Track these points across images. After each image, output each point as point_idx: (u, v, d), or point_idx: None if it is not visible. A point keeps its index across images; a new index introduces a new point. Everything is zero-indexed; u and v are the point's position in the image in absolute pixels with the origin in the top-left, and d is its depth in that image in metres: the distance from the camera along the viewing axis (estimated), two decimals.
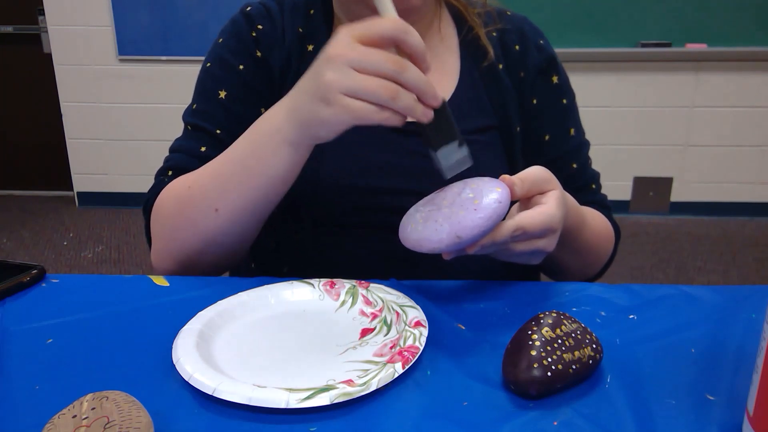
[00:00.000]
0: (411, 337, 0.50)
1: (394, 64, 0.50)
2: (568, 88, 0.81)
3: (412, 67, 0.50)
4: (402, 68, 0.50)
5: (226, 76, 0.74)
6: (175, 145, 0.75)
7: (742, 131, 3.31)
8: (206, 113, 0.74)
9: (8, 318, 0.56)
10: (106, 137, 3.53)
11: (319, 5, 0.76)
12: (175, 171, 0.72)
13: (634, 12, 3.08)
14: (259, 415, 0.42)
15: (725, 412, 0.43)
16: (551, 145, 0.78)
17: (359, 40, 0.51)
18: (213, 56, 0.76)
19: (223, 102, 0.73)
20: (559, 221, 0.55)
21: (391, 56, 0.50)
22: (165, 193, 0.69)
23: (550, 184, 0.57)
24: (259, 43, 0.74)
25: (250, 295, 0.58)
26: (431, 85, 0.52)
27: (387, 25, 0.51)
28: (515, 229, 0.52)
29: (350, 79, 0.50)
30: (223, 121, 0.73)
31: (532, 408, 0.43)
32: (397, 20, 0.52)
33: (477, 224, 0.50)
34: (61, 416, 0.38)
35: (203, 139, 0.73)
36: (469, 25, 0.78)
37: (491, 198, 0.51)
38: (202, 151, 0.72)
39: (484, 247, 0.53)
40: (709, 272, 2.74)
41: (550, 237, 0.55)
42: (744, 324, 0.55)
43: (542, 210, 0.54)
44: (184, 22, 3.27)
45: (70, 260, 2.87)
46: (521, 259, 0.58)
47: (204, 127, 0.73)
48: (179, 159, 0.73)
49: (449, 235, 0.51)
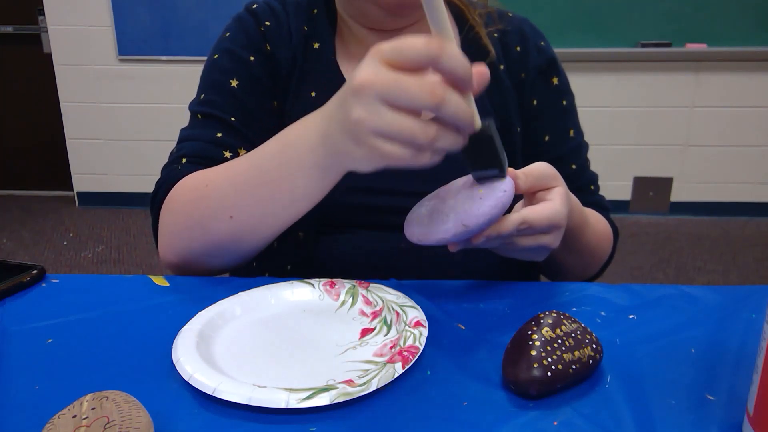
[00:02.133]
0: (411, 337, 0.50)
1: (431, 97, 0.42)
2: (568, 89, 0.81)
3: (451, 98, 0.43)
4: (440, 102, 0.43)
5: (236, 67, 0.73)
6: (186, 134, 0.72)
7: (742, 131, 3.31)
8: (217, 103, 0.72)
9: (8, 318, 0.56)
10: (106, 137, 3.53)
11: (322, 4, 0.76)
12: (190, 159, 0.69)
13: (634, 12, 3.08)
14: (259, 415, 0.42)
15: (725, 412, 0.43)
16: (551, 145, 0.78)
17: (389, 64, 0.44)
18: (221, 49, 0.75)
19: (234, 91, 0.72)
20: (564, 218, 0.55)
21: (427, 85, 0.43)
22: (181, 185, 0.65)
23: (554, 180, 0.56)
24: (268, 38, 0.74)
25: (250, 295, 0.58)
26: (474, 118, 0.46)
27: (419, 47, 0.43)
28: (521, 222, 0.52)
29: (381, 119, 0.44)
30: (235, 111, 0.72)
31: (532, 408, 0.43)
32: (429, 40, 0.43)
33: (483, 212, 0.50)
34: (61, 416, 0.38)
35: (217, 126, 0.71)
36: (470, 25, 0.78)
37: (496, 187, 0.51)
38: (218, 137, 0.70)
39: (489, 238, 0.52)
40: (709, 272, 2.74)
41: (555, 233, 0.55)
42: (744, 324, 0.55)
43: (548, 205, 0.54)
44: (184, 22, 3.27)
45: (70, 260, 2.87)
46: (525, 255, 0.57)
47: (216, 115, 0.71)
48: (193, 146, 0.70)
49: (455, 225, 0.51)
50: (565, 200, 0.56)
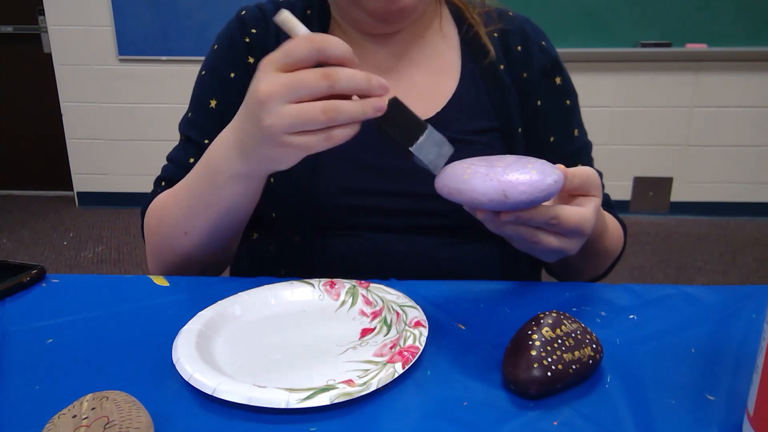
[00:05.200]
0: (411, 337, 0.50)
1: (323, 78, 0.48)
2: (571, 88, 0.81)
3: (341, 71, 0.49)
4: (333, 79, 0.48)
5: (216, 86, 0.75)
6: (169, 155, 0.77)
7: (742, 131, 3.31)
8: (197, 123, 0.75)
9: (8, 318, 0.56)
10: (106, 137, 3.53)
11: (317, 6, 0.76)
12: (167, 182, 0.74)
13: (634, 12, 3.09)
14: (259, 415, 0.42)
15: (725, 412, 0.43)
16: (556, 146, 0.78)
17: (282, 69, 0.49)
18: (207, 64, 0.77)
19: (212, 111, 0.74)
20: (590, 228, 0.55)
21: (317, 71, 0.48)
22: (151, 207, 0.71)
23: (595, 190, 0.56)
24: (251, 49, 0.74)
25: (250, 295, 0.58)
26: (370, 79, 0.50)
27: (302, 46, 0.49)
28: (553, 216, 0.52)
29: (288, 118, 0.49)
30: (212, 132, 0.72)
31: (532, 408, 0.43)
32: (309, 37, 0.49)
33: (528, 190, 0.49)
34: (61, 416, 0.38)
35: (191, 150, 0.74)
36: (469, 24, 0.78)
37: (549, 173, 0.50)
38: (191, 162, 0.73)
39: (519, 220, 0.52)
40: (709, 272, 2.74)
41: (578, 240, 0.55)
42: (744, 324, 0.55)
43: (581, 210, 0.54)
44: (184, 22, 3.27)
45: (70, 260, 2.88)
46: (540, 253, 0.57)
47: (193, 138, 0.75)
48: (170, 170, 0.75)
49: (496, 191, 0.49)
50: (597, 213, 0.56)
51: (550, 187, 0.50)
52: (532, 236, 0.54)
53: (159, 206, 0.69)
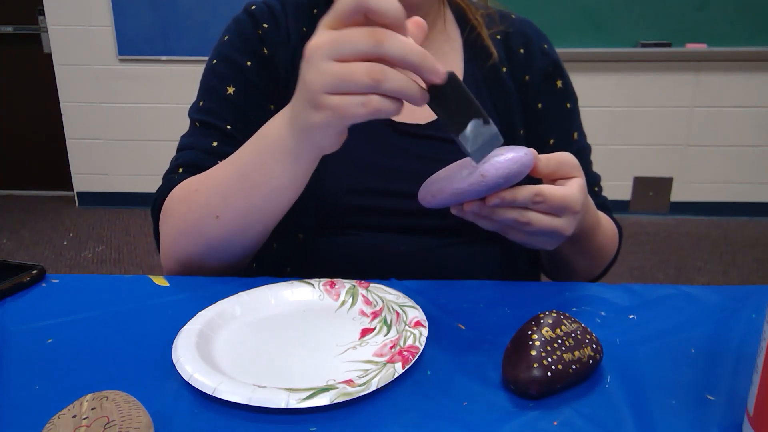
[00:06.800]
0: (411, 337, 0.50)
1: (369, 35, 0.43)
2: (572, 92, 0.81)
3: (391, 34, 0.44)
4: (379, 39, 0.43)
5: (232, 74, 0.73)
6: (183, 143, 0.74)
7: (742, 131, 3.31)
8: (214, 110, 0.73)
9: (8, 318, 0.56)
10: (106, 137, 3.53)
11: (323, 4, 0.76)
12: (186, 168, 0.70)
13: (634, 12, 3.09)
14: (259, 415, 0.42)
15: (725, 412, 0.43)
16: (555, 148, 0.78)
17: (332, 26, 0.46)
18: (218, 54, 0.75)
19: (231, 98, 0.73)
20: (579, 204, 0.55)
21: (364, 29, 0.44)
22: (174, 194, 0.67)
23: (576, 171, 0.56)
24: (265, 42, 0.74)
25: (250, 295, 0.58)
26: (425, 56, 0.45)
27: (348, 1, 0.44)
28: (536, 193, 0.52)
29: (329, 75, 0.45)
30: (232, 118, 0.72)
31: (532, 408, 0.43)
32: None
33: (503, 165, 0.50)
34: (61, 416, 0.38)
35: (213, 135, 0.72)
36: (472, 25, 0.78)
37: (519, 150, 0.52)
38: (214, 146, 0.71)
39: (504, 201, 0.52)
40: (709, 272, 2.74)
41: (569, 218, 0.55)
42: (744, 324, 0.55)
43: (564, 187, 0.54)
44: (184, 22, 3.27)
45: (70, 260, 2.88)
46: (537, 242, 0.57)
47: (213, 123, 0.72)
48: (190, 156, 0.71)
49: (474, 176, 0.51)
50: (583, 190, 0.56)
51: (522, 158, 0.51)
52: (522, 216, 0.53)
53: (189, 190, 0.65)
